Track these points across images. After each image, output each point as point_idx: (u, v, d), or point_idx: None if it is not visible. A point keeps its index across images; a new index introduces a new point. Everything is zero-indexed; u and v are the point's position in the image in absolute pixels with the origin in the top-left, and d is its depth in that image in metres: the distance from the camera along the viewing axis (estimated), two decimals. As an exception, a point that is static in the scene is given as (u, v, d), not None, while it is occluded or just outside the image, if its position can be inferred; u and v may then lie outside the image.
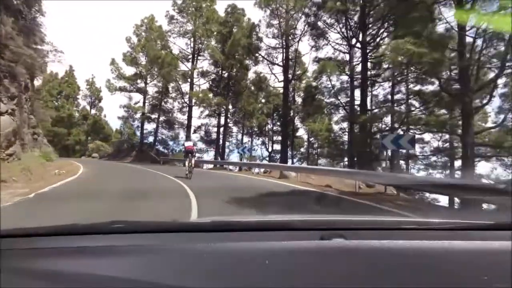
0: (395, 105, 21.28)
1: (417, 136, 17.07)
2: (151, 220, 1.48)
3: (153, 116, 36.31)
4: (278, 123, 35.99)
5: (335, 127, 32.22)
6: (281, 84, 25.02)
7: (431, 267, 0.86)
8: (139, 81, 35.68)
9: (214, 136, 35.71)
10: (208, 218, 1.32)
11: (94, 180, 11.90)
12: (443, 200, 13.86)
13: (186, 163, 11.99)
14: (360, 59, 19.44)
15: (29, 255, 0.95)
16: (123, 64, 34.63)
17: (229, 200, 6.75)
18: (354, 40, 19.95)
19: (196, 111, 33.65)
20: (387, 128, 21.54)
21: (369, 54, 19.01)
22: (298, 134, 36.84)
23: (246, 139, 39.01)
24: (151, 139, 38.22)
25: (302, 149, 37.87)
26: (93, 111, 52.28)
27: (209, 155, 37.66)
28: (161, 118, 36.78)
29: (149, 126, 38.04)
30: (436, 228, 1.24)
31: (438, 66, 13.59)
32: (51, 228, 1.12)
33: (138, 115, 36.73)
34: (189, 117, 32.37)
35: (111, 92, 36.11)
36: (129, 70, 35.29)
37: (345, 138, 31.03)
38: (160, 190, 9.18)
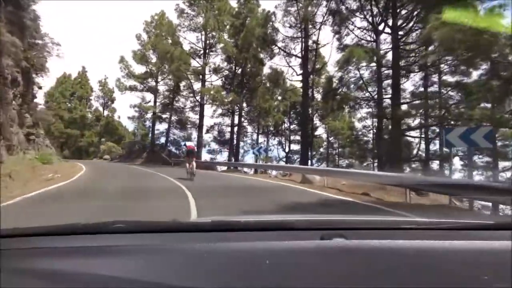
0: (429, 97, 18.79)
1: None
2: (151, 220, 1.39)
3: (164, 116, 34.85)
4: (296, 122, 33.87)
5: (358, 125, 29.85)
6: (300, 78, 22.94)
7: (431, 267, 0.86)
8: (149, 79, 34.34)
9: (227, 136, 34.00)
10: (208, 218, 1.29)
11: (85, 186, 10.33)
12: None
13: (187, 164, 11.79)
14: (390, 46, 17.12)
15: (29, 255, 0.94)
16: (134, 63, 33.36)
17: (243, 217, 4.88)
18: (382, 26, 17.65)
19: (208, 110, 32.05)
20: (418, 125, 19.12)
21: (401, 39, 16.68)
22: (316, 133, 34.62)
23: (261, 139, 37.11)
24: (163, 140, 36.97)
25: (321, 149, 35.59)
26: (106, 112, 51.81)
27: (223, 156, 35.98)
28: (173, 118, 35.35)
29: (161, 127, 36.78)
30: (436, 228, 1.23)
31: (493, 46, 11.21)
32: (51, 228, 1.12)
33: (149, 115, 35.39)
34: (201, 116, 30.57)
35: (121, 91, 34.94)
36: (140, 69, 34.03)
37: (370, 136, 28.68)
38: (159, 194, 8.26)
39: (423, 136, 19.08)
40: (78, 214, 4.93)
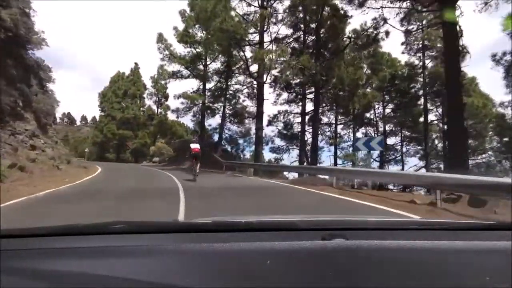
0: None
1: None
2: (152, 220, 1.36)
3: (214, 107, 27.70)
4: (396, 102, 23.80)
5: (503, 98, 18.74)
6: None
7: (432, 267, 0.85)
8: (196, 62, 27.43)
9: (297, 129, 25.52)
10: (209, 218, 1.28)
11: None
12: None
13: (193, 166, 11.93)
14: None
15: (29, 255, 0.93)
16: (177, 45, 26.61)
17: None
18: None
19: (271, 95, 23.69)
20: None
21: None
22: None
23: (340, 130, 27.73)
24: (217, 137, 29.98)
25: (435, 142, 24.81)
26: (159, 110, 47.28)
27: (292, 156, 27.54)
28: (226, 111, 28.05)
29: (213, 122, 29.92)
30: (436, 228, 1.24)
31: None
32: (51, 229, 1.11)
33: (195, 108, 28.53)
34: (260, 101, 21.97)
35: (164, 79, 28.84)
36: (184, 51, 27.26)
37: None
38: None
39: None
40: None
